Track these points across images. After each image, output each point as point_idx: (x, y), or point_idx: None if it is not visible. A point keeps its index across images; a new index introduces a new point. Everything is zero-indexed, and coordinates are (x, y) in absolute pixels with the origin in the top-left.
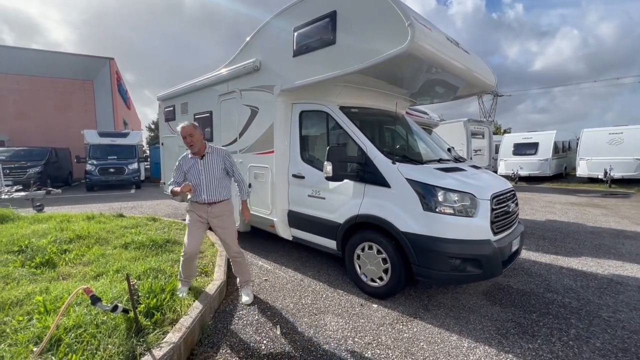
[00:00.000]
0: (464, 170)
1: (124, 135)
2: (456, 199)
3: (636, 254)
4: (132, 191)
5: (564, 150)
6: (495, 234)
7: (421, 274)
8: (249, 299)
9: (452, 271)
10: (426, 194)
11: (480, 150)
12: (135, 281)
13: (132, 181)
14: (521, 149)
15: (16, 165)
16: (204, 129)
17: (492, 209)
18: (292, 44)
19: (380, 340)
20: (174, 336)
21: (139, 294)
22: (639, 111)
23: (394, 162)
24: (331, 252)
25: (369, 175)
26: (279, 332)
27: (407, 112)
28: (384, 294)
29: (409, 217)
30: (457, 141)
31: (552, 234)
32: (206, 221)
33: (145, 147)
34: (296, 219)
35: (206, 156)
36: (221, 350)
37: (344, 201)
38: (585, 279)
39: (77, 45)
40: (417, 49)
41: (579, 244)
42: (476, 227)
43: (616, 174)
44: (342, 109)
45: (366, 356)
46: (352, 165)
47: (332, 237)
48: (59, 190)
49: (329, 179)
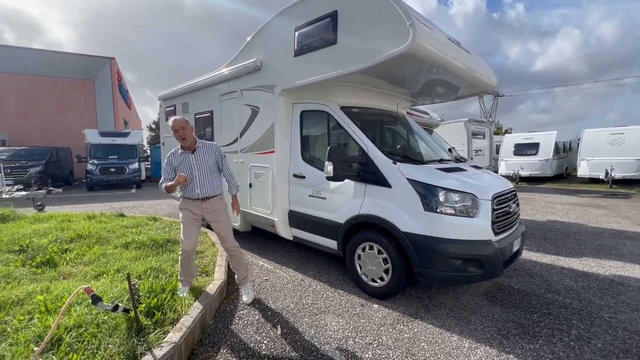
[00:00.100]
0: (465, 170)
1: (125, 134)
2: (457, 199)
3: (637, 254)
4: (133, 191)
5: (565, 150)
6: (496, 234)
7: (422, 274)
8: (248, 298)
9: (453, 271)
10: (427, 194)
11: (481, 150)
12: (135, 281)
13: (133, 181)
14: (522, 149)
15: (17, 164)
16: (204, 128)
17: (493, 210)
18: (293, 43)
19: (381, 340)
20: (174, 336)
21: (140, 294)
22: None
23: (395, 162)
24: (332, 252)
25: (369, 175)
26: (279, 332)
27: (407, 112)
28: (384, 294)
29: (410, 217)
30: (457, 141)
31: (553, 234)
32: (201, 217)
33: (146, 146)
34: (297, 219)
35: (197, 151)
36: (222, 350)
37: (345, 201)
38: (586, 280)
39: (77, 45)
40: (419, 49)
41: (580, 244)
42: (477, 228)
43: (617, 175)
44: (343, 109)
45: (367, 356)
46: (353, 165)
47: (333, 237)
48: (60, 189)
49: (329, 179)
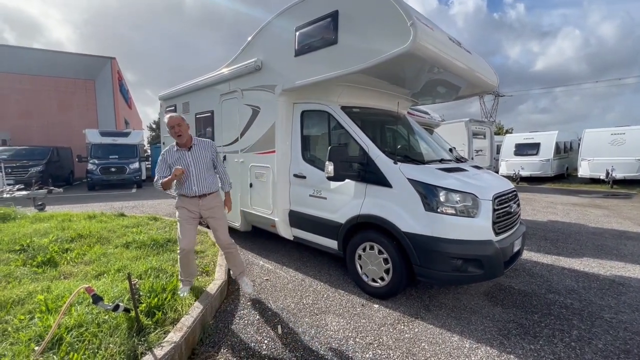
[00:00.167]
0: (465, 170)
1: (126, 134)
2: (458, 199)
3: (638, 255)
4: (134, 190)
5: (566, 150)
6: (497, 234)
7: (423, 274)
8: (250, 289)
9: (454, 271)
10: (428, 194)
11: (481, 150)
12: (136, 280)
13: (134, 180)
14: (522, 150)
15: (18, 164)
16: (205, 128)
17: (494, 210)
18: (293, 43)
19: (381, 340)
20: (175, 335)
21: (140, 293)
22: None
23: (395, 162)
24: (332, 252)
25: (370, 175)
26: (280, 331)
27: (408, 112)
28: (385, 294)
29: (410, 217)
30: (458, 141)
31: (554, 234)
32: (198, 215)
33: (146, 146)
34: (297, 219)
35: (194, 148)
36: (222, 349)
37: (346, 201)
38: (587, 280)
39: (78, 44)
40: (420, 49)
41: (580, 244)
42: (478, 228)
43: (618, 175)
44: (343, 108)
45: (367, 356)
46: (353, 165)
47: (334, 237)
48: (61, 189)
49: (330, 178)
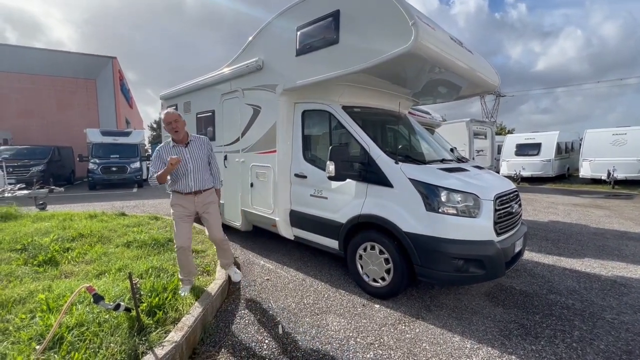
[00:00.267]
0: (467, 170)
1: (126, 134)
2: (459, 199)
3: None
4: (134, 190)
5: (567, 151)
6: (498, 234)
7: (424, 275)
8: (239, 278)
9: (455, 272)
10: (429, 194)
11: (482, 150)
12: (137, 280)
13: (134, 180)
14: (524, 150)
15: (19, 163)
16: (206, 128)
17: (496, 210)
18: (295, 43)
19: (382, 340)
20: (176, 335)
21: (141, 293)
22: None
23: (396, 162)
24: (333, 252)
25: (371, 175)
26: (280, 331)
27: (409, 112)
28: (386, 294)
29: (411, 217)
30: (459, 141)
31: (555, 235)
32: (193, 212)
33: (147, 146)
34: (298, 219)
35: (191, 144)
36: (223, 349)
37: (347, 201)
38: (588, 281)
39: (79, 44)
40: (421, 49)
41: (582, 245)
42: (479, 228)
43: (619, 175)
44: (344, 108)
45: (368, 357)
46: (354, 165)
47: (334, 236)
48: (62, 188)
49: (331, 178)
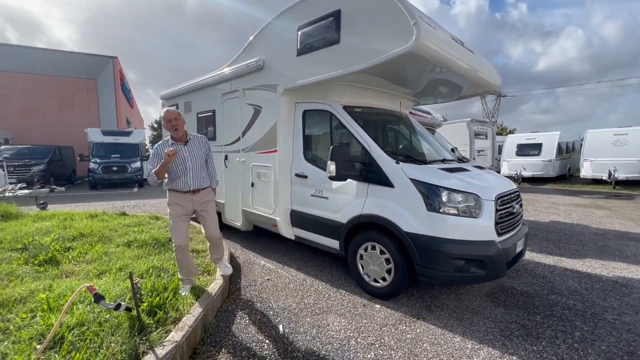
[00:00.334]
0: (468, 170)
1: (127, 133)
2: (460, 199)
3: None
4: (135, 190)
5: (568, 151)
6: (499, 235)
7: (424, 275)
8: (229, 271)
9: (456, 272)
10: (430, 194)
11: (483, 150)
12: (138, 279)
13: (135, 180)
14: (524, 150)
15: (20, 163)
16: (207, 127)
17: (497, 210)
18: (296, 43)
19: (383, 341)
20: (176, 335)
21: (142, 293)
22: None
23: (397, 162)
24: (334, 252)
25: (372, 175)
26: (281, 331)
27: (410, 112)
28: (386, 294)
29: (412, 218)
30: (460, 141)
31: (556, 235)
32: (191, 211)
33: (148, 145)
34: (299, 219)
35: (190, 142)
36: (224, 349)
37: (347, 201)
38: (589, 281)
39: (80, 44)
40: (422, 49)
41: (583, 245)
42: (480, 228)
43: (620, 176)
44: (345, 108)
45: (369, 357)
46: (355, 164)
47: (335, 236)
48: (63, 188)
49: (332, 178)
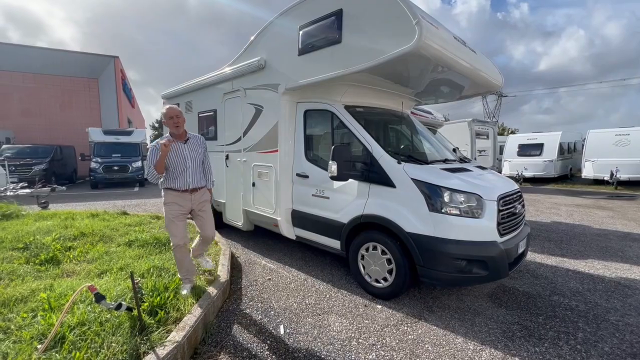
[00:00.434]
0: (470, 170)
1: (128, 133)
2: (462, 199)
3: None
4: (136, 189)
5: (570, 151)
6: (501, 235)
7: (426, 275)
8: (210, 265)
9: (458, 273)
10: (432, 195)
11: (484, 150)
12: (139, 279)
13: (136, 179)
14: (526, 150)
15: (22, 162)
16: (208, 127)
17: (499, 210)
18: (297, 42)
19: (384, 341)
20: (177, 335)
21: (143, 292)
22: None
23: (399, 162)
24: (335, 252)
25: (374, 175)
26: (282, 332)
27: (411, 112)
28: (388, 294)
29: (414, 218)
30: (461, 141)
31: (558, 235)
32: (188, 210)
33: (149, 145)
34: (300, 219)
35: (189, 141)
36: (224, 349)
37: (349, 201)
38: (592, 282)
39: (81, 43)
40: (425, 48)
41: (585, 246)
42: (482, 229)
43: (622, 176)
44: (347, 108)
45: (370, 358)
46: (357, 164)
47: (336, 237)
48: (64, 187)
49: (333, 178)
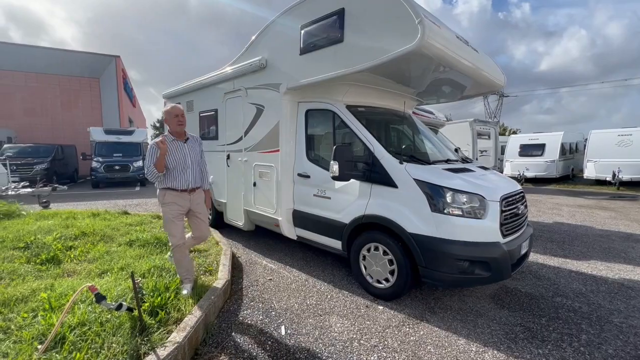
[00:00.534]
0: (472, 171)
1: (129, 132)
2: (465, 200)
3: None
4: (137, 189)
5: (571, 151)
6: (504, 236)
7: (428, 276)
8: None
9: (460, 274)
10: (434, 195)
11: (486, 151)
12: (139, 279)
13: (137, 179)
14: (527, 150)
15: (23, 161)
16: (209, 127)
17: (502, 211)
18: (299, 41)
19: (386, 343)
20: (178, 335)
21: (144, 292)
22: None
23: (401, 162)
24: (336, 252)
25: (375, 175)
26: (283, 332)
27: (413, 112)
28: (389, 295)
29: (416, 218)
30: (462, 142)
31: (560, 236)
32: (186, 210)
33: (150, 144)
34: (301, 219)
35: (189, 140)
36: (225, 350)
37: (350, 201)
38: (595, 283)
39: (82, 43)
40: (427, 47)
41: (587, 247)
42: (485, 229)
43: (625, 176)
44: (349, 108)
45: (372, 359)
46: (358, 165)
47: (338, 237)
48: (65, 187)
49: (335, 178)
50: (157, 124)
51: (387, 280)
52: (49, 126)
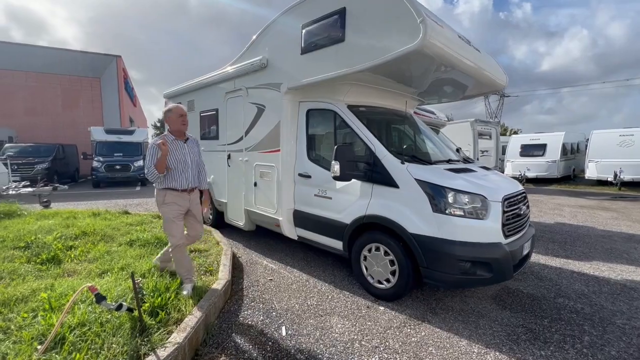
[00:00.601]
0: (474, 171)
1: (130, 132)
2: (467, 200)
3: None
4: (138, 188)
5: (573, 152)
6: (506, 237)
7: (430, 277)
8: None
9: (462, 274)
10: (436, 195)
11: (487, 151)
12: (140, 279)
13: (138, 178)
14: (529, 150)
15: (24, 161)
16: (210, 126)
17: (504, 212)
18: (300, 41)
19: (387, 344)
20: (178, 336)
21: (144, 293)
22: None
23: (402, 162)
24: (337, 252)
25: (377, 175)
26: (284, 333)
27: (414, 112)
28: (391, 296)
29: (417, 219)
30: (463, 142)
31: (562, 237)
32: (185, 211)
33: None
34: (302, 219)
35: (189, 141)
36: (226, 350)
37: (351, 201)
38: (597, 284)
39: (83, 43)
40: (429, 47)
41: (589, 247)
42: (487, 230)
43: (626, 177)
44: (350, 107)
45: None
46: (359, 164)
47: (339, 237)
48: (66, 186)
49: (336, 178)
50: (158, 124)
51: (388, 280)
52: (49, 126)
